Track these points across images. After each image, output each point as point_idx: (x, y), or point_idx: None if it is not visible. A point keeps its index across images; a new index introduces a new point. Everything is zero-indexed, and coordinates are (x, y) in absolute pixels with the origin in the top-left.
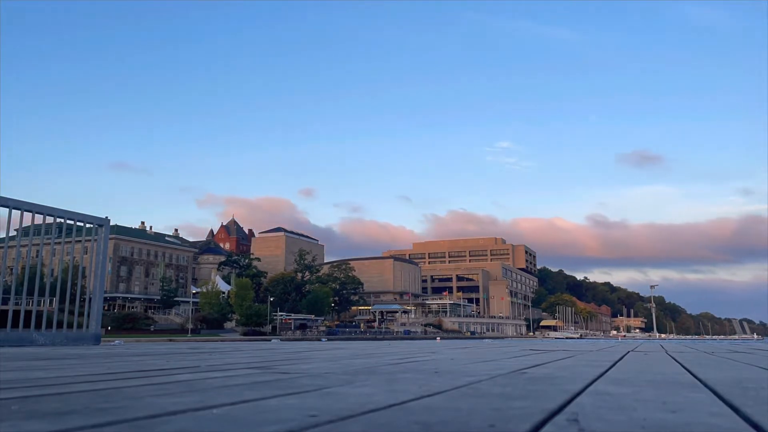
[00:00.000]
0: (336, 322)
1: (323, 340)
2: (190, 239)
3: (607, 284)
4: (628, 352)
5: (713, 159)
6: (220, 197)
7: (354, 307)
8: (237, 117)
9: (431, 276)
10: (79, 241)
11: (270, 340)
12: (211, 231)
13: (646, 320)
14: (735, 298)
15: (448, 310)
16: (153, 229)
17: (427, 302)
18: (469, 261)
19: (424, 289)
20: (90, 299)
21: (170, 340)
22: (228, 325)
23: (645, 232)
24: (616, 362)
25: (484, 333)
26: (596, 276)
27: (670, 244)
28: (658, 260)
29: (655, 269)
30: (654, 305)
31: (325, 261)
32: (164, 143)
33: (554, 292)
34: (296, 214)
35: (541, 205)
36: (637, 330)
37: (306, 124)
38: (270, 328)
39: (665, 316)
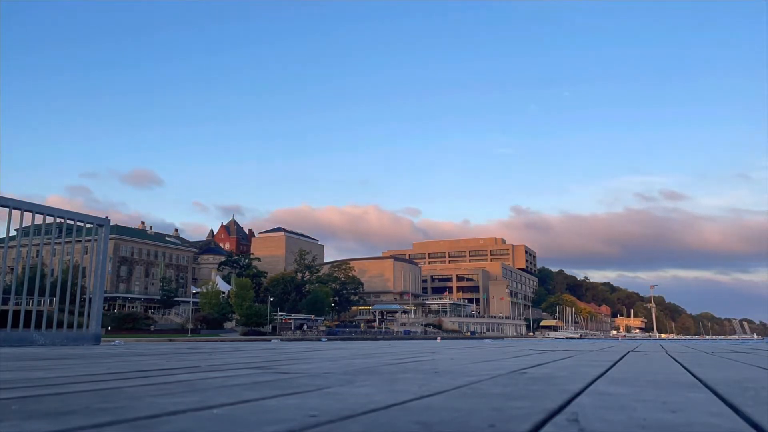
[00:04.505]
0: (336, 322)
1: (323, 340)
2: (190, 239)
3: (607, 284)
4: (628, 352)
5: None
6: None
7: (354, 307)
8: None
9: (431, 276)
10: (79, 241)
11: (270, 340)
12: (211, 231)
13: (646, 320)
14: (735, 298)
15: (448, 310)
16: (153, 229)
17: (427, 302)
18: (469, 261)
19: (424, 289)
20: (90, 299)
21: (170, 340)
22: (228, 325)
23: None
24: (616, 362)
25: (484, 333)
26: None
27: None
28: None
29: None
30: (654, 305)
31: (325, 261)
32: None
33: (554, 292)
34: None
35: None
36: (637, 330)
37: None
38: (270, 328)
39: (665, 316)
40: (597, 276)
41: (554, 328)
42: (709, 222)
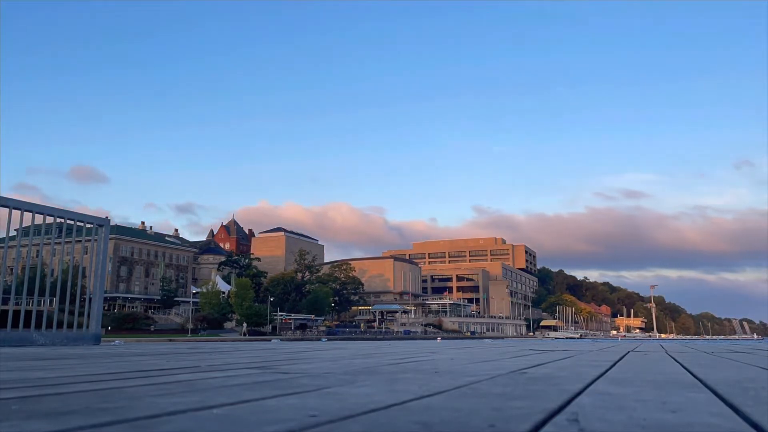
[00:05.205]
0: (336, 322)
1: (323, 340)
2: (191, 239)
3: (607, 284)
4: (628, 352)
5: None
6: None
7: (354, 307)
8: None
9: (431, 276)
10: (79, 241)
11: (270, 340)
12: (212, 231)
13: (646, 320)
14: (734, 298)
15: (448, 310)
16: (153, 229)
17: (427, 302)
18: (469, 261)
19: (424, 289)
20: (90, 299)
21: (170, 340)
22: (228, 325)
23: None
24: (616, 362)
25: (484, 333)
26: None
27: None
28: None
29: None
30: (654, 305)
31: (326, 261)
32: None
33: (554, 292)
34: None
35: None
36: (637, 330)
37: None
38: (270, 328)
39: (665, 316)
40: (580, 275)
41: (554, 328)
42: (674, 220)
